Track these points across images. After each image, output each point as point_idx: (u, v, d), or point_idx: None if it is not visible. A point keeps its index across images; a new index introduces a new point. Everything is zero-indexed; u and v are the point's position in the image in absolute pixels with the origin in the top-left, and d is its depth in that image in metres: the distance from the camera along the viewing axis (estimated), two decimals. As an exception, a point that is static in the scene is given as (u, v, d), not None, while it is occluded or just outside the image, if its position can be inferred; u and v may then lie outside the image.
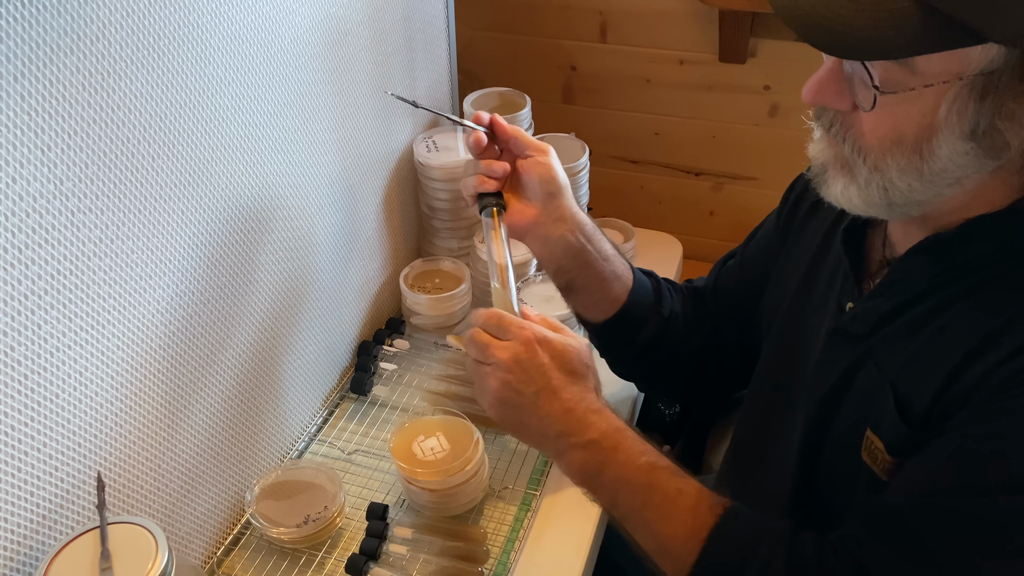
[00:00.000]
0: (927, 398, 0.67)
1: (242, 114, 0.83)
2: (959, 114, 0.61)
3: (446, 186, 1.18)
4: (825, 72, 0.66)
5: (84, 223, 0.67)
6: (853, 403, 0.75)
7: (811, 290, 0.84)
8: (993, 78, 0.59)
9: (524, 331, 0.74)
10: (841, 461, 0.76)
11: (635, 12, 1.55)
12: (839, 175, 0.69)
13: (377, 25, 1.06)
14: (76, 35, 0.62)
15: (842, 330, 0.76)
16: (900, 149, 0.64)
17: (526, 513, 0.96)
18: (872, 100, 0.62)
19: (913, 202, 0.66)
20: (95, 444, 0.73)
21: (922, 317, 0.70)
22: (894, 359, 0.71)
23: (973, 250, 0.68)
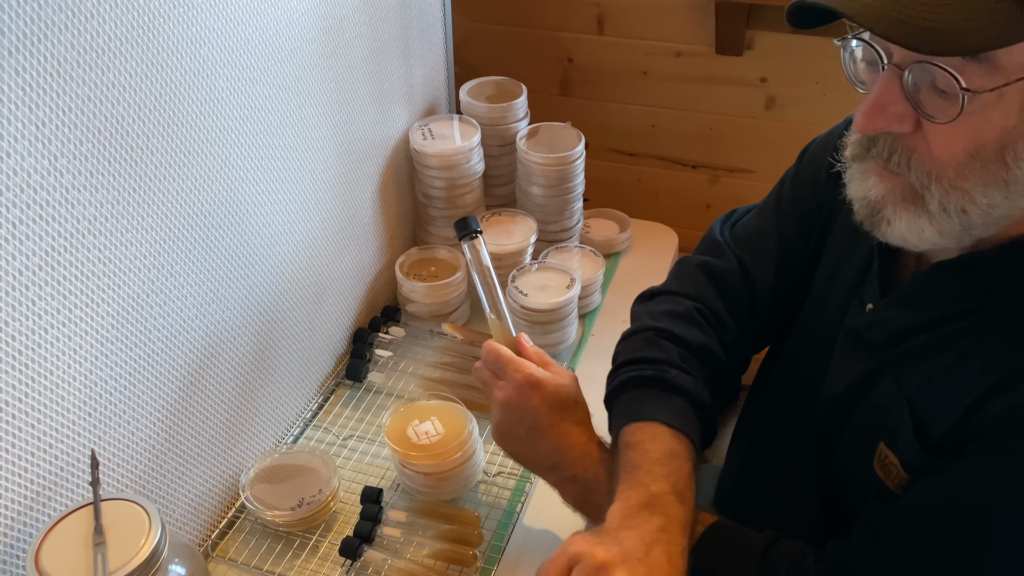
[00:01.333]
0: (947, 424, 0.65)
1: (237, 96, 0.83)
2: None
3: (442, 174, 1.19)
4: (882, 92, 0.60)
5: (79, 200, 0.67)
6: (868, 413, 0.73)
7: (838, 278, 0.80)
8: None
9: (517, 374, 0.80)
10: (853, 467, 0.75)
11: (632, 4, 1.55)
12: (904, 209, 0.63)
13: (373, 12, 1.06)
14: (71, 11, 0.63)
15: (859, 334, 0.74)
16: (980, 161, 0.58)
17: (520, 497, 0.96)
18: (959, 107, 0.55)
19: (991, 221, 0.61)
20: (89, 422, 0.73)
21: (946, 338, 0.67)
22: (913, 376, 0.68)
23: (1008, 275, 0.64)
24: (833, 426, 0.77)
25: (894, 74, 0.59)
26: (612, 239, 1.35)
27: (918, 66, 0.57)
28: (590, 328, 1.22)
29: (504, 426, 0.81)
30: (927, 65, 0.56)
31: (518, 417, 0.80)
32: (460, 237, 0.90)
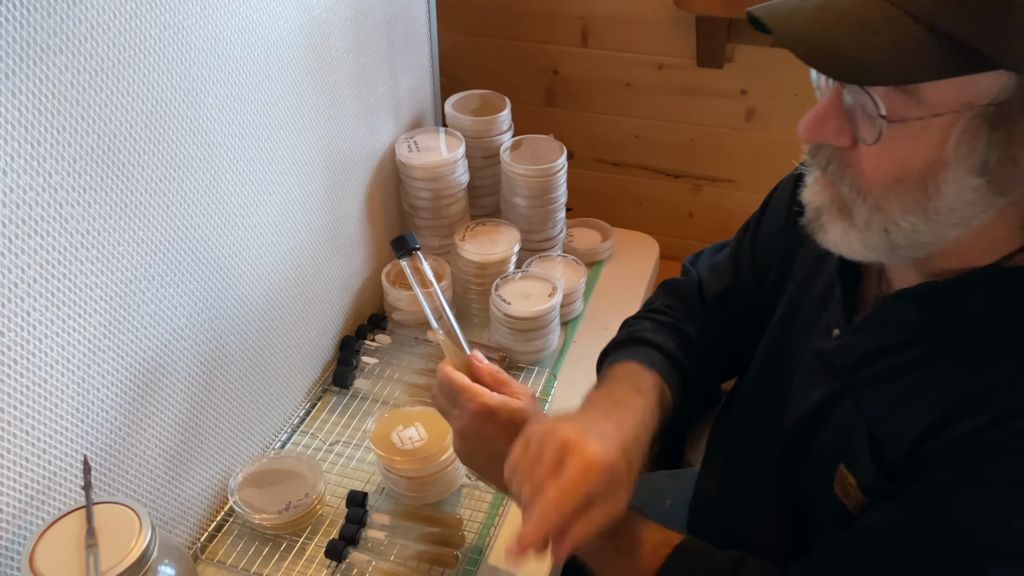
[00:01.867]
0: (901, 449, 0.67)
1: (226, 112, 0.86)
2: (969, 146, 0.57)
3: (427, 185, 1.22)
4: (824, 106, 0.62)
5: (72, 215, 0.70)
6: (829, 435, 0.75)
7: (804, 302, 0.83)
8: (1004, 108, 0.55)
9: (471, 404, 0.78)
10: (816, 487, 0.77)
11: (615, 18, 1.59)
12: (836, 219, 0.65)
13: (359, 28, 1.09)
14: (65, 35, 0.65)
15: (826, 357, 0.76)
16: (904, 186, 0.60)
17: (501, 500, 0.99)
18: (878, 132, 0.58)
19: (917, 244, 0.63)
20: (82, 429, 0.75)
21: (905, 364, 0.69)
22: (872, 401, 0.71)
23: (965, 305, 0.66)
24: (798, 446, 0.79)
25: (837, 91, 0.61)
26: (594, 248, 1.39)
27: (853, 87, 0.60)
28: (572, 335, 1.25)
29: (463, 453, 0.82)
30: (858, 90, 0.59)
31: (476, 446, 0.80)
32: (399, 256, 0.87)
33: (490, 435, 0.78)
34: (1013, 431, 0.60)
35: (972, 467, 0.62)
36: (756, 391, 0.90)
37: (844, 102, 0.61)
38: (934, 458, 0.64)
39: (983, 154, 0.57)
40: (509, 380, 0.82)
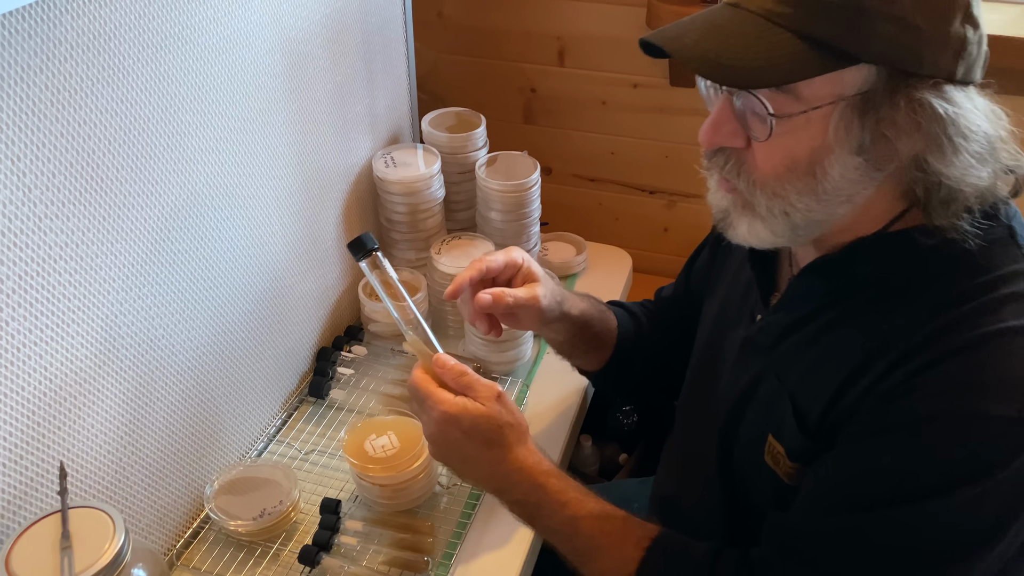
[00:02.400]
0: (818, 410, 0.74)
1: (203, 129, 0.89)
2: (846, 131, 0.66)
3: (404, 200, 1.25)
4: (717, 114, 0.70)
5: (51, 228, 0.72)
6: (757, 411, 0.82)
7: (731, 302, 0.91)
8: (870, 95, 0.65)
9: (434, 411, 0.80)
10: (748, 462, 0.83)
11: (591, 38, 1.63)
12: (742, 215, 0.73)
13: (336, 48, 1.12)
14: (46, 56, 0.68)
15: (751, 340, 0.84)
16: (795, 174, 0.68)
17: (473, 507, 1.02)
18: (768, 129, 0.67)
19: (813, 223, 0.71)
20: (58, 436, 0.78)
21: (816, 333, 0.76)
22: (793, 372, 0.77)
23: (857, 271, 0.74)
24: (732, 428, 0.85)
25: (727, 98, 0.70)
26: (569, 261, 1.42)
27: (741, 93, 0.68)
28: (545, 346, 1.28)
29: (439, 457, 0.84)
30: (745, 93, 0.67)
31: (446, 451, 0.81)
32: (357, 258, 0.87)
33: (456, 440, 0.79)
34: (906, 373, 0.67)
35: (879, 415, 0.68)
36: (695, 389, 0.96)
37: (735, 107, 0.69)
38: (847, 416, 0.71)
39: (859, 136, 0.66)
40: (475, 383, 0.81)
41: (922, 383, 0.66)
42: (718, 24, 0.67)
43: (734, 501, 0.86)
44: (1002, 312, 0.66)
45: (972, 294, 0.68)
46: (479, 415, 0.79)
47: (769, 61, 0.64)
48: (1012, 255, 0.70)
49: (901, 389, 0.67)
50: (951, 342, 0.66)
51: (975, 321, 0.66)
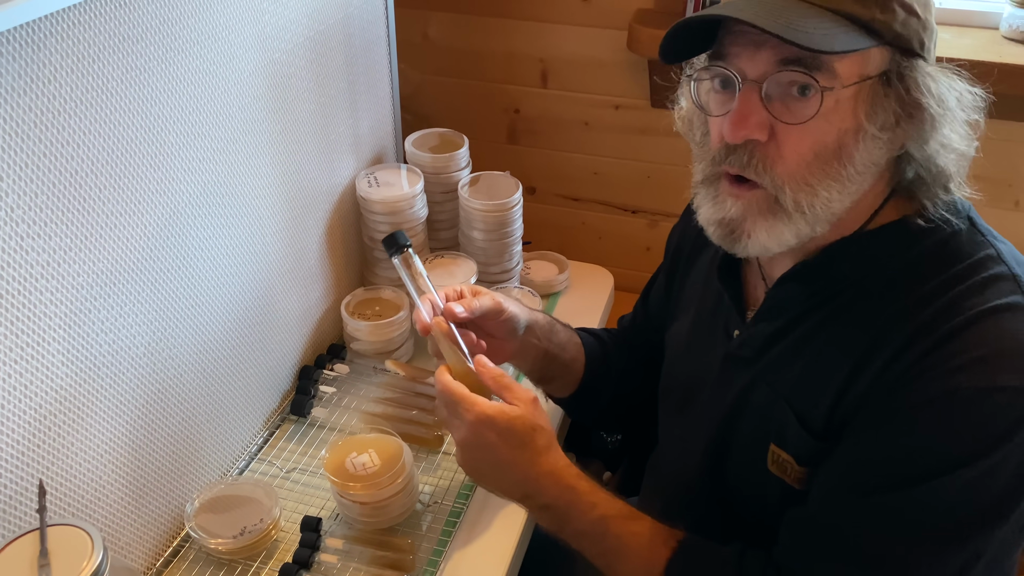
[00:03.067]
0: (823, 410, 0.75)
1: (186, 150, 0.90)
2: (872, 110, 0.70)
3: (387, 219, 1.26)
4: (743, 105, 0.70)
5: (33, 247, 0.73)
6: (750, 423, 0.83)
7: (701, 322, 0.92)
8: (888, 75, 0.70)
9: (469, 414, 0.79)
10: (747, 475, 0.84)
11: (573, 60, 1.65)
12: (761, 219, 0.72)
13: (320, 70, 1.14)
14: (29, 78, 0.69)
15: (732, 355, 0.85)
16: (822, 159, 0.70)
17: (454, 525, 1.02)
18: (816, 106, 0.68)
19: (831, 215, 0.73)
20: (38, 454, 0.78)
21: (804, 337, 0.78)
22: (785, 378, 0.79)
23: (836, 272, 0.77)
24: (720, 446, 0.86)
25: (752, 88, 0.70)
26: (551, 280, 1.43)
27: (774, 78, 0.69)
28: (527, 365, 1.29)
29: (468, 464, 0.82)
30: (785, 73, 0.69)
31: (479, 455, 0.80)
32: (390, 254, 0.89)
33: (491, 444, 0.79)
34: (912, 358, 0.69)
35: (890, 402, 0.70)
36: (673, 413, 0.97)
37: (763, 96, 0.70)
38: (855, 409, 0.73)
39: (883, 114, 0.70)
40: (512, 384, 0.82)
41: (927, 366, 0.69)
42: (765, 3, 0.69)
43: (731, 517, 0.87)
44: (985, 293, 0.70)
45: (954, 281, 0.72)
46: (515, 416, 0.79)
47: (829, 32, 0.67)
48: (979, 242, 0.74)
49: (908, 375, 0.70)
50: (946, 326, 0.69)
51: (963, 304, 0.70)
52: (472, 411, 0.79)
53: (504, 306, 0.93)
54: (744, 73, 0.71)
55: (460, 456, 0.82)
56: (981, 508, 0.68)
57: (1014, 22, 1.46)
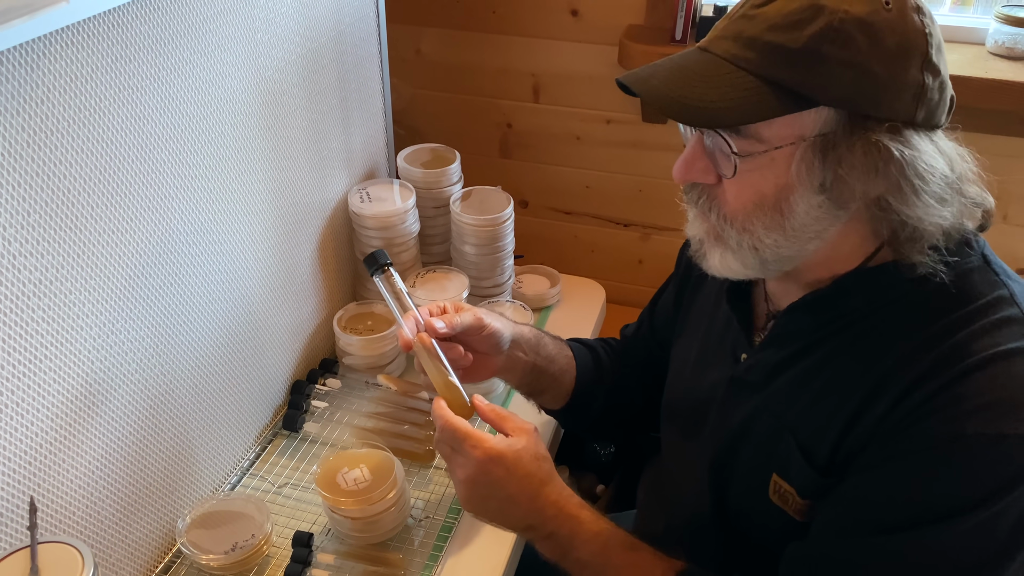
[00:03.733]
0: (828, 445, 0.75)
1: (178, 167, 0.91)
2: (808, 170, 0.69)
3: (379, 234, 1.27)
4: (690, 152, 0.74)
5: (25, 266, 0.73)
6: (753, 450, 0.82)
7: (709, 342, 0.92)
8: (829, 137, 0.68)
9: (476, 451, 0.79)
10: (749, 502, 0.84)
11: (565, 75, 1.67)
12: (714, 246, 0.76)
13: (311, 87, 1.15)
14: (23, 98, 0.70)
15: (739, 379, 0.84)
16: (762, 210, 0.72)
17: (445, 540, 1.02)
18: (733, 167, 0.70)
19: (782, 258, 0.74)
20: (29, 471, 0.78)
21: (811, 369, 0.77)
22: (790, 409, 0.78)
23: (846, 304, 0.76)
24: (724, 470, 0.86)
25: (699, 138, 0.74)
26: (543, 294, 1.44)
27: (710, 132, 0.71)
28: (519, 379, 1.30)
29: (474, 500, 0.81)
30: (714, 132, 0.71)
31: (486, 492, 0.80)
32: (372, 272, 0.88)
33: (499, 479, 0.79)
34: (918, 400, 0.69)
35: (895, 441, 0.70)
36: (678, 432, 0.96)
37: (705, 146, 0.73)
38: (861, 446, 0.72)
39: (820, 176, 0.69)
40: (509, 415, 0.84)
41: (936, 407, 0.68)
42: (685, 67, 0.71)
43: (732, 541, 0.87)
44: (997, 335, 0.69)
45: (965, 321, 0.71)
46: (521, 448, 0.80)
47: (731, 102, 0.67)
48: (991, 282, 0.73)
49: (915, 415, 0.69)
50: (956, 367, 0.68)
51: (974, 345, 0.69)
52: (480, 447, 0.79)
53: (486, 321, 0.93)
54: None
55: (464, 493, 0.81)
56: (983, 554, 0.67)
57: (1000, 38, 1.48)
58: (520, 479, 0.79)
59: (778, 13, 0.68)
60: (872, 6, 0.67)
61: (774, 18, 0.68)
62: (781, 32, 0.67)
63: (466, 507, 0.83)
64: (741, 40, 0.69)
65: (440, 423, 0.81)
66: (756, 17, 0.69)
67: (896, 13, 0.67)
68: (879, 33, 0.66)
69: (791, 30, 0.67)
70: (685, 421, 0.95)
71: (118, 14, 0.78)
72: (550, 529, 0.81)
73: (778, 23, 0.68)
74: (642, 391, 1.07)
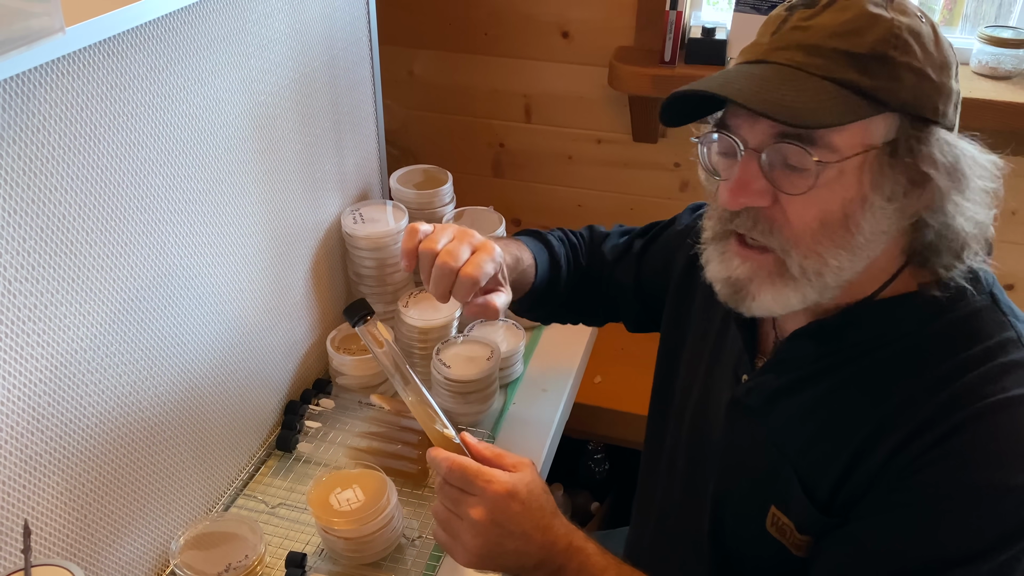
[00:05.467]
0: (830, 482, 0.74)
1: (173, 192, 0.92)
2: (877, 180, 0.68)
3: (372, 255, 1.28)
4: (743, 173, 0.69)
5: (20, 291, 0.74)
6: (755, 479, 0.82)
7: (716, 363, 0.91)
8: (896, 143, 0.68)
9: (492, 485, 0.75)
10: (745, 530, 0.83)
11: (556, 96, 1.69)
12: (767, 283, 0.72)
13: (305, 110, 1.16)
14: (19, 127, 0.71)
15: (738, 401, 0.84)
16: (829, 228, 0.69)
17: (438, 560, 1.03)
18: (811, 180, 0.67)
19: (842, 282, 0.71)
20: (23, 494, 0.79)
21: (814, 401, 0.76)
22: (792, 441, 0.78)
23: (850, 337, 0.75)
24: (723, 493, 0.85)
25: (752, 157, 0.70)
26: (535, 313, 1.45)
27: (772, 148, 0.69)
28: (512, 397, 1.31)
29: (488, 546, 0.76)
30: (782, 146, 0.68)
31: (504, 532, 0.76)
32: (353, 324, 0.84)
33: (515, 515, 0.76)
34: (923, 446, 0.68)
35: (898, 489, 0.69)
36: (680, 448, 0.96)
37: (761, 164, 0.69)
38: (864, 488, 0.71)
39: (891, 184, 0.68)
40: (506, 453, 0.81)
41: (941, 455, 0.67)
42: (758, 75, 0.68)
43: (724, 566, 0.86)
44: (1004, 381, 0.68)
45: (972, 364, 0.69)
46: (530, 480, 0.78)
47: (822, 104, 0.66)
48: (999, 322, 0.72)
49: (919, 463, 0.68)
50: (961, 414, 0.68)
51: (981, 391, 0.68)
52: (496, 481, 0.76)
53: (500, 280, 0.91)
54: (745, 141, 0.70)
55: (479, 537, 0.76)
56: None
57: (983, 58, 1.50)
58: (534, 512, 0.77)
59: (835, 22, 0.68)
60: (915, 18, 0.68)
61: (832, 27, 0.67)
62: (843, 39, 0.67)
63: (476, 560, 0.77)
64: (804, 49, 0.68)
65: (446, 465, 0.77)
66: (811, 28, 0.68)
67: (930, 27, 0.69)
68: (926, 42, 0.68)
69: (854, 36, 0.67)
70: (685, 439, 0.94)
71: (113, 43, 0.79)
72: (560, 563, 0.79)
73: (838, 31, 0.67)
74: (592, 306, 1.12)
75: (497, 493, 0.75)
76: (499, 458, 0.80)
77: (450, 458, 0.78)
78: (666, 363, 1.02)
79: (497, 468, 0.78)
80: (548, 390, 1.32)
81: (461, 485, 0.77)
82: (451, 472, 0.77)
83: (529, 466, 0.80)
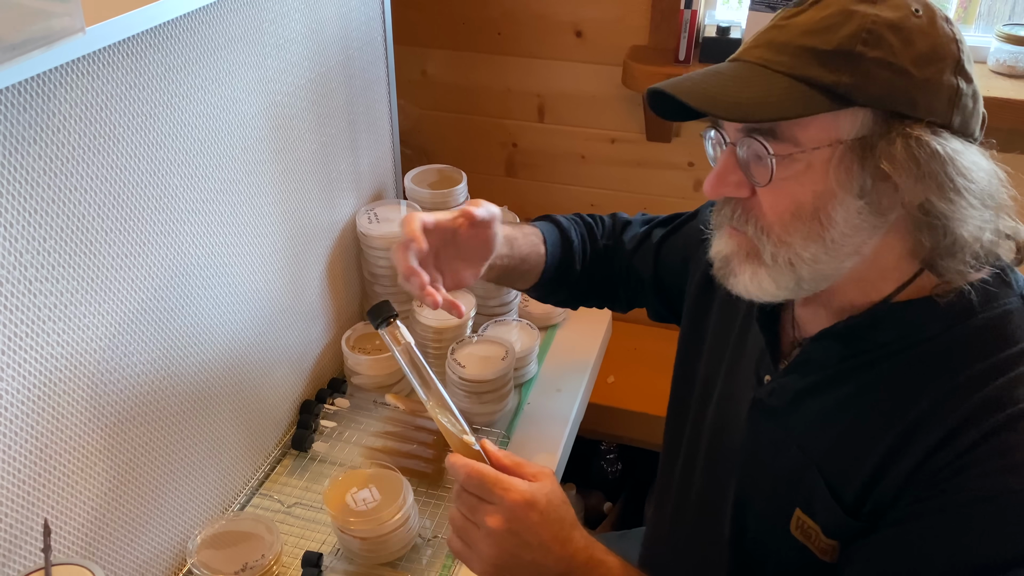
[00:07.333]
0: (857, 484, 0.73)
1: (190, 191, 0.92)
2: (847, 175, 0.68)
3: (387, 254, 1.28)
4: (722, 165, 0.73)
5: (40, 291, 0.75)
6: (778, 481, 0.81)
7: (738, 362, 0.90)
8: (867, 139, 0.67)
9: (510, 493, 0.74)
10: (768, 532, 0.83)
11: (569, 95, 1.69)
12: (745, 263, 0.74)
13: (320, 110, 1.16)
14: (39, 127, 0.71)
15: (760, 401, 0.83)
16: (800, 220, 0.70)
17: (454, 559, 1.03)
18: (770, 172, 0.69)
19: (820, 275, 0.72)
20: (43, 494, 0.79)
21: (839, 402, 0.76)
22: (817, 444, 0.77)
23: (877, 337, 0.74)
24: (745, 494, 0.85)
25: (731, 150, 0.73)
26: (549, 312, 1.45)
27: (743, 141, 0.71)
28: (526, 397, 1.30)
29: (505, 556, 0.75)
30: (747, 139, 0.70)
31: (521, 542, 0.74)
32: (376, 326, 0.83)
33: (535, 524, 0.74)
34: (955, 452, 0.67)
35: (931, 496, 0.68)
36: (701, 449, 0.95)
37: (738, 158, 0.72)
38: (895, 493, 0.70)
39: (860, 179, 0.68)
40: (525, 462, 0.79)
41: (973, 462, 0.66)
42: (719, 71, 0.72)
43: (744, 568, 0.86)
44: None
45: (1004, 367, 0.69)
46: (550, 491, 0.76)
47: (766, 98, 0.67)
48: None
49: (953, 467, 0.67)
50: (994, 419, 0.67)
51: (1012, 395, 0.67)
52: (514, 490, 0.74)
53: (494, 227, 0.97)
54: (727, 136, 0.73)
55: (496, 547, 0.74)
56: None
57: (1001, 56, 1.49)
58: (553, 523, 0.75)
59: (810, 20, 0.68)
60: (902, 12, 0.67)
61: (806, 24, 0.68)
62: (814, 36, 0.68)
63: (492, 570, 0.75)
64: (773, 46, 0.69)
65: (464, 471, 0.75)
66: (787, 26, 0.70)
67: (926, 20, 0.68)
68: (911, 36, 0.66)
69: (824, 33, 0.67)
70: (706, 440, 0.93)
71: (133, 43, 0.80)
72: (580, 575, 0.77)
73: (810, 28, 0.68)
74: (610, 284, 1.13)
75: (515, 502, 0.74)
76: (519, 467, 0.78)
77: (468, 465, 0.76)
78: (685, 362, 1.01)
79: (516, 477, 0.76)
80: (563, 390, 1.32)
81: (479, 493, 0.75)
82: (469, 479, 0.75)
83: (549, 476, 0.78)
